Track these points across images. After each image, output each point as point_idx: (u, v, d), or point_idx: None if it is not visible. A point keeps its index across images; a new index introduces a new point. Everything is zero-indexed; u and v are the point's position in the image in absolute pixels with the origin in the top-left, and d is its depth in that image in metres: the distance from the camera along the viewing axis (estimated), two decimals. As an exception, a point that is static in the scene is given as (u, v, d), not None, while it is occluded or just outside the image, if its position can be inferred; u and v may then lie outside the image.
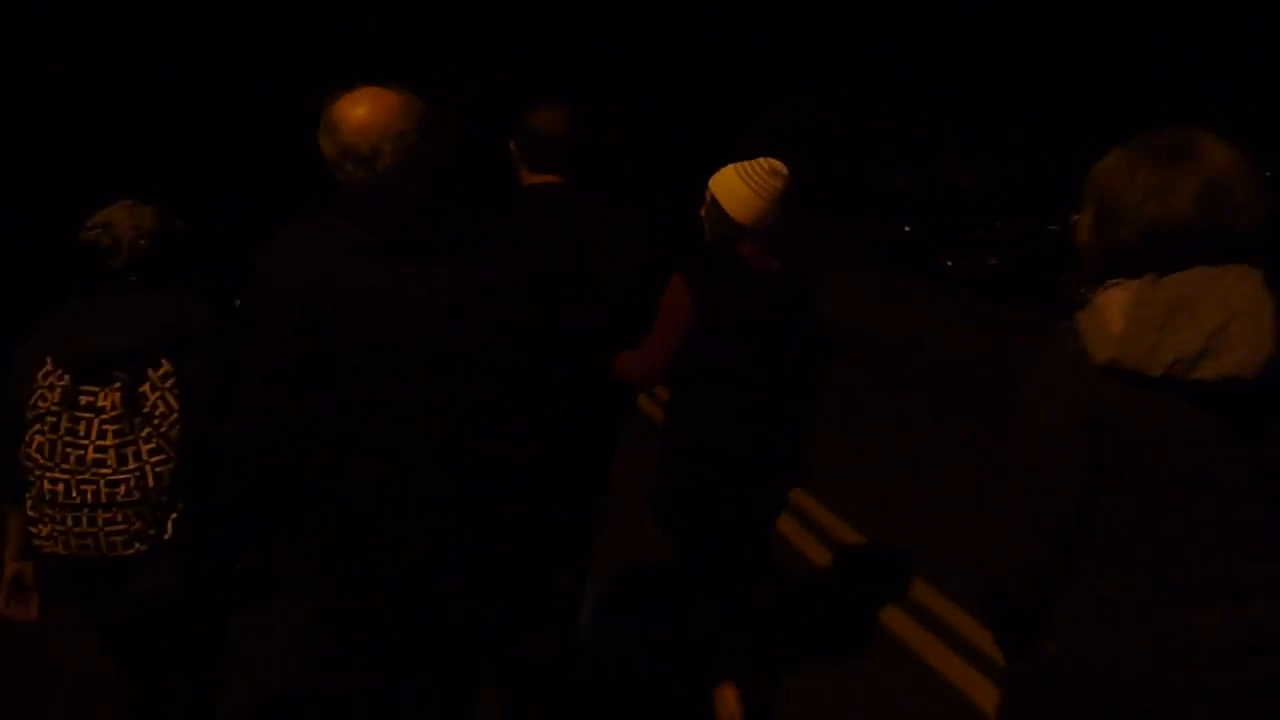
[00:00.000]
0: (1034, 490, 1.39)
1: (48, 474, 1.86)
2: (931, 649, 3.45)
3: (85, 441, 1.86)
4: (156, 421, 1.89)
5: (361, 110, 1.61)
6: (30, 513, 1.90)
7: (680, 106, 18.54)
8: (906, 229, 15.71)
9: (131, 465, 1.87)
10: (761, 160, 2.49)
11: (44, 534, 1.88)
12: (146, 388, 1.90)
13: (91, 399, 1.88)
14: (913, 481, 5.30)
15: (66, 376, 1.88)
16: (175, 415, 1.90)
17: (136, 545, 1.87)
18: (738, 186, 2.45)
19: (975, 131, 19.08)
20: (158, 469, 1.88)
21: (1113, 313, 1.34)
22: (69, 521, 1.86)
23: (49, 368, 1.90)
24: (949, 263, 14.50)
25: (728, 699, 2.69)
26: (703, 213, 2.56)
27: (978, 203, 15.56)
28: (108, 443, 1.86)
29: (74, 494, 1.85)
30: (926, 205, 17.25)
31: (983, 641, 3.30)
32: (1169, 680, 1.37)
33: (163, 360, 1.91)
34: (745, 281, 2.46)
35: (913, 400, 7.16)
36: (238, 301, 1.78)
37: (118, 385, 1.88)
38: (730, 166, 2.51)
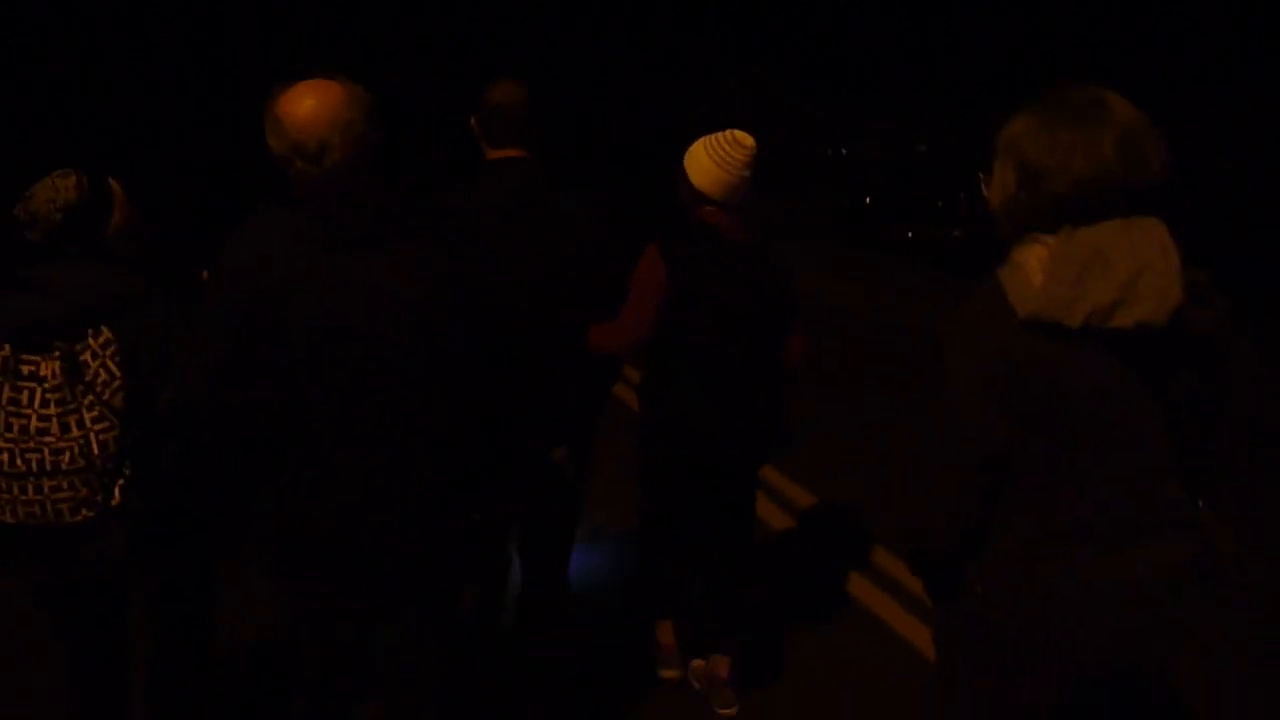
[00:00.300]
0: (956, 440, 1.44)
1: None
2: (888, 609, 3.56)
3: (28, 410, 1.89)
4: (99, 389, 1.93)
5: (307, 105, 1.62)
6: None
7: (643, 82, 18.55)
8: (867, 200, 15.10)
9: (75, 433, 1.90)
10: (727, 132, 2.54)
11: None
12: (88, 355, 1.93)
13: (33, 368, 1.90)
14: (869, 449, 5.39)
15: (6, 346, 1.91)
16: (118, 382, 1.94)
17: (84, 512, 1.91)
18: (701, 158, 2.52)
19: (928, 99, 18.86)
20: (101, 436, 1.92)
21: (1033, 269, 1.39)
22: (15, 490, 1.89)
23: None
24: (910, 234, 14.03)
25: (665, 632, 2.95)
26: (679, 186, 2.62)
27: (938, 172, 14.69)
28: (50, 411, 1.89)
29: (19, 462, 1.88)
30: (885, 175, 16.49)
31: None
32: (1086, 615, 1.44)
33: (103, 328, 1.95)
34: (716, 251, 2.51)
35: (872, 373, 7.29)
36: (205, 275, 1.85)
37: (57, 354, 1.91)
38: (699, 140, 2.58)
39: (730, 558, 2.85)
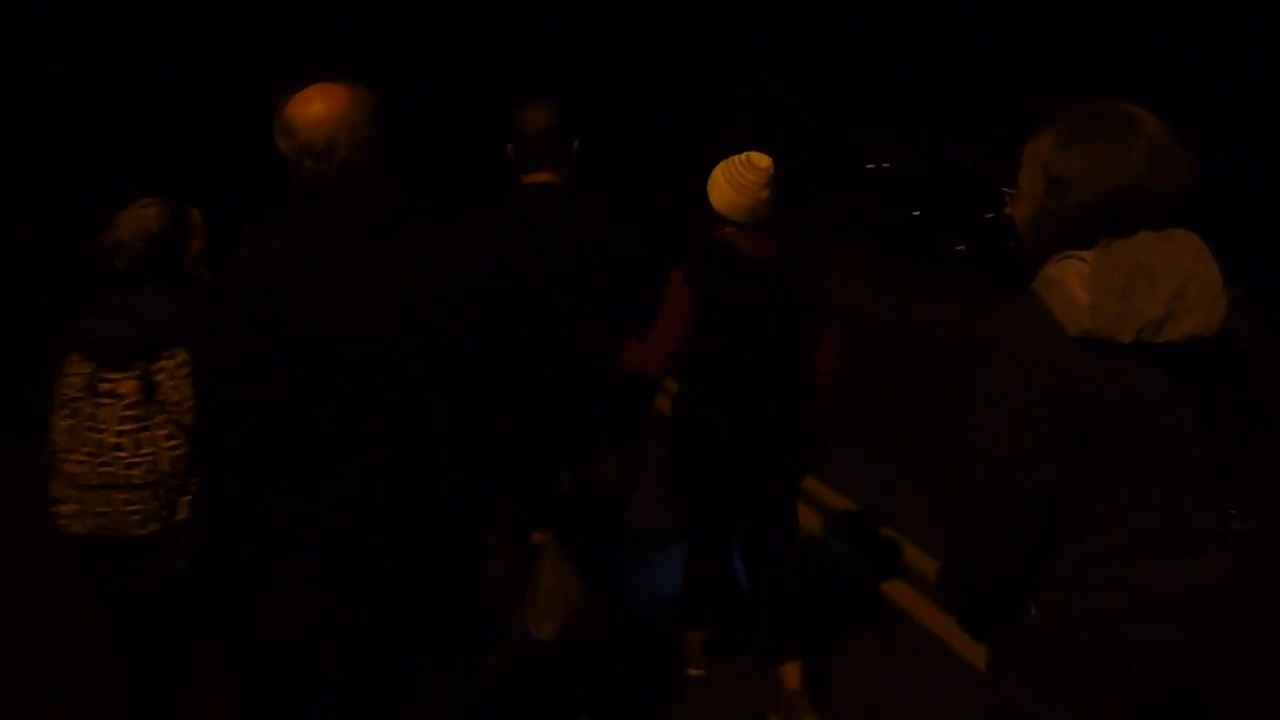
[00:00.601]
0: (1009, 463, 1.42)
1: (71, 456, 1.96)
2: (923, 609, 3.60)
3: (104, 426, 1.97)
4: (171, 408, 2.01)
5: (315, 108, 1.68)
6: (54, 494, 2.00)
7: (645, 82, 18.39)
8: (915, 212, 14.44)
9: (146, 450, 1.98)
10: (743, 155, 2.60)
11: (66, 513, 1.98)
12: (163, 376, 2.01)
13: (111, 386, 1.99)
14: (910, 457, 5.39)
15: (89, 365, 2.00)
16: (189, 401, 2.02)
17: (151, 525, 1.99)
18: (720, 182, 2.59)
19: (967, 109, 18.50)
20: (172, 453, 2.00)
21: (1074, 284, 1.39)
22: (89, 501, 1.96)
23: (75, 357, 2.02)
24: (961, 247, 13.42)
25: (691, 640, 3.08)
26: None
27: (987, 183, 13.99)
28: (125, 427, 1.97)
29: (94, 476, 1.95)
30: (932, 186, 15.73)
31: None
32: (1140, 630, 1.44)
33: (178, 349, 2.03)
34: (738, 271, 2.56)
35: (917, 387, 7.18)
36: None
37: (135, 373, 1.99)
38: (719, 164, 2.64)
39: (774, 566, 2.88)
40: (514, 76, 16.96)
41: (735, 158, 2.62)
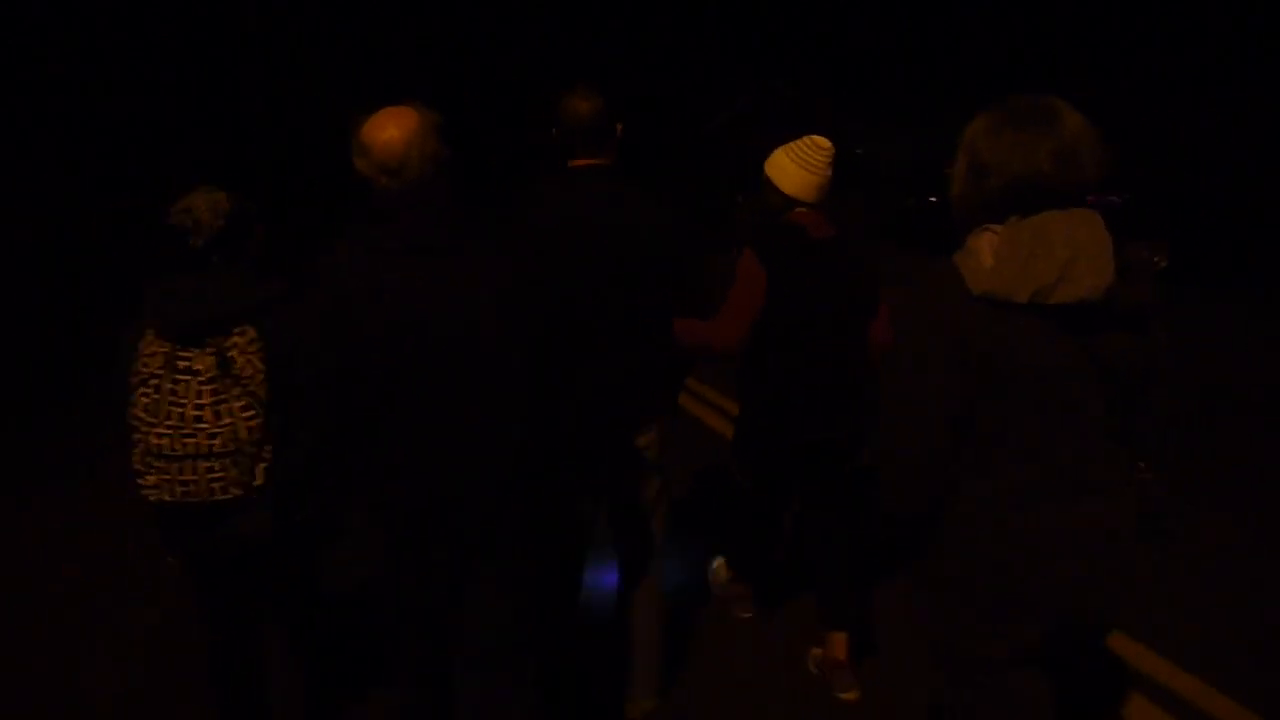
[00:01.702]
0: (913, 405, 1.60)
1: (154, 430, 2.03)
2: None
3: (185, 400, 2.04)
4: (245, 381, 2.10)
5: (389, 133, 1.82)
6: (137, 466, 2.07)
7: (662, 94, 18.41)
8: (931, 199, 13.75)
9: (226, 420, 2.06)
10: (804, 139, 2.72)
11: (151, 483, 2.05)
12: (235, 351, 2.08)
13: (188, 363, 2.06)
14: None
15: (166, 344, 2.08)
16: (261, 375, 2.10)
17: (233, 490, 2.07)
18: (787, 165, 2.70)
19: (963, 102, 18.46)
20: (249, 423, 2.08)
21: (984, 252, 1.56)
22: (174, 471, 2.04)
23: (150, 337, 2.10)
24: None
25: (740, 591, 3.12)
26: (762, 194, 2.79)
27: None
28: (205, 401, 2.04)
29: (177, 446, 2.03)
30: (939, 175, 15.84)
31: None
32: (1035, 568, 1.60)
33: (247, 326, 2.12)
34: (807, 249, 2.68)
35: None
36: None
37: (211, 350, 2.08)
38: (780, 148, 2.75)
39: (837, 535, 2.98)
40: (514, 77, 17.06)
41: (796, 142, 2.73)
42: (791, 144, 2.73)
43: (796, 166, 2.69)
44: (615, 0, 19.82)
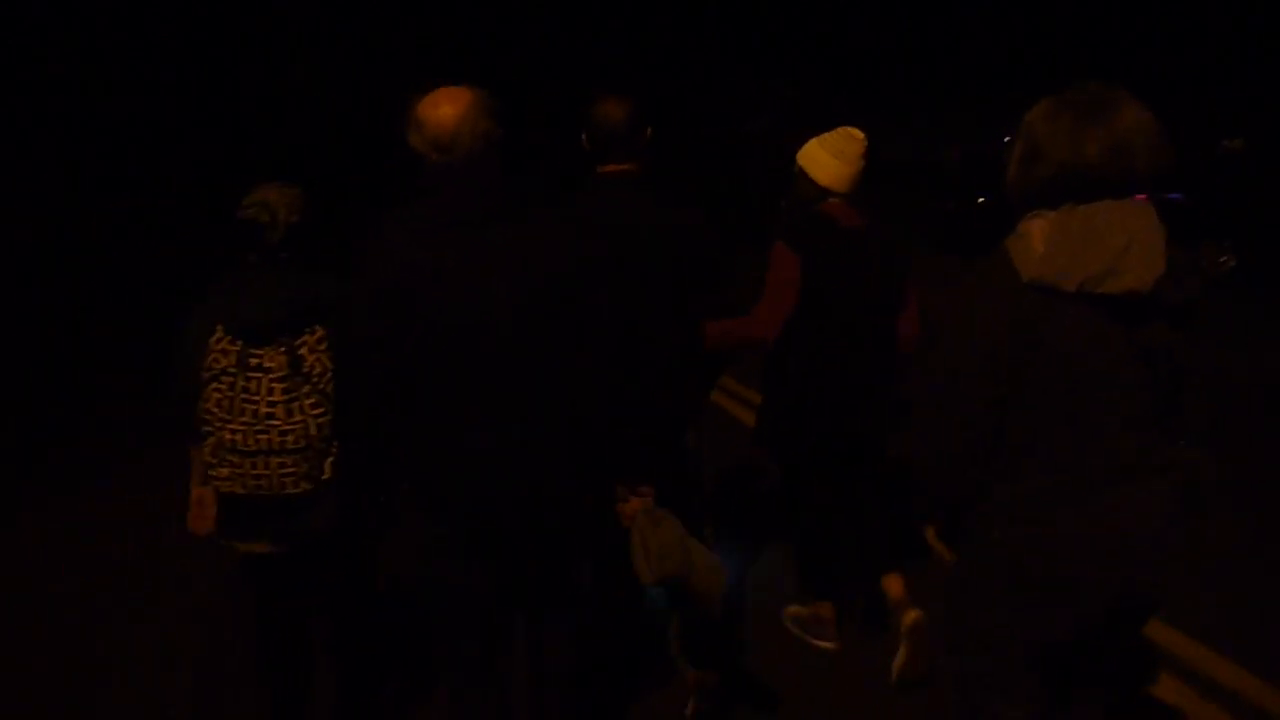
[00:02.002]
0: (962, 384, 1.62)
1: (228, 425, 2.09)
2: None
3: (258, 397, 2.09)
4: (315, 379, 2.15)
5: (443, 110, 1.87)
6: (210, 459, 2.12)
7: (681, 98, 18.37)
8: (980, 200, 13.10)
9: (298, 417, 2.11)
10: (838, 130, 2.78)
11: (224, 476, 2.11)
12: (304, 350, 2.14)
13: (259, 360, 2.11)
14: None
15: (239, 342, 2.12)
16: (329, 373, 2.16)
17: (303, 484, 2.13)
18: (822, 157, 2.76)
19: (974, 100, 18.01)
20: (319, 420, 2.13)
21: (1036, 239, 1.58)
22: (247, 466, 2.10)
23: (220, 334, 2.14)
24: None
25: (893, 584, 2.94)
26: (794, 186, 2.84)
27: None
28: (277, 398, 2.10)
29: (250, 442, 2.09)
30: (969, 176, 15.26)
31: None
32: (1087, 553, 1.63)
33: (317, 326, 2.17)
34: (840, 240, 2.73)
35: None
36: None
37: (283, 349, 2.13)
38: (813, 140, 2.81)
39: (870, 499, 3.04)
40: (515, 77, 17.05)
41: (829, 134, 2.79)
42: (825, 135, 2.79)
43: (830, 156, 2.75)
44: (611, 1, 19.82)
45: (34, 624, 3.44)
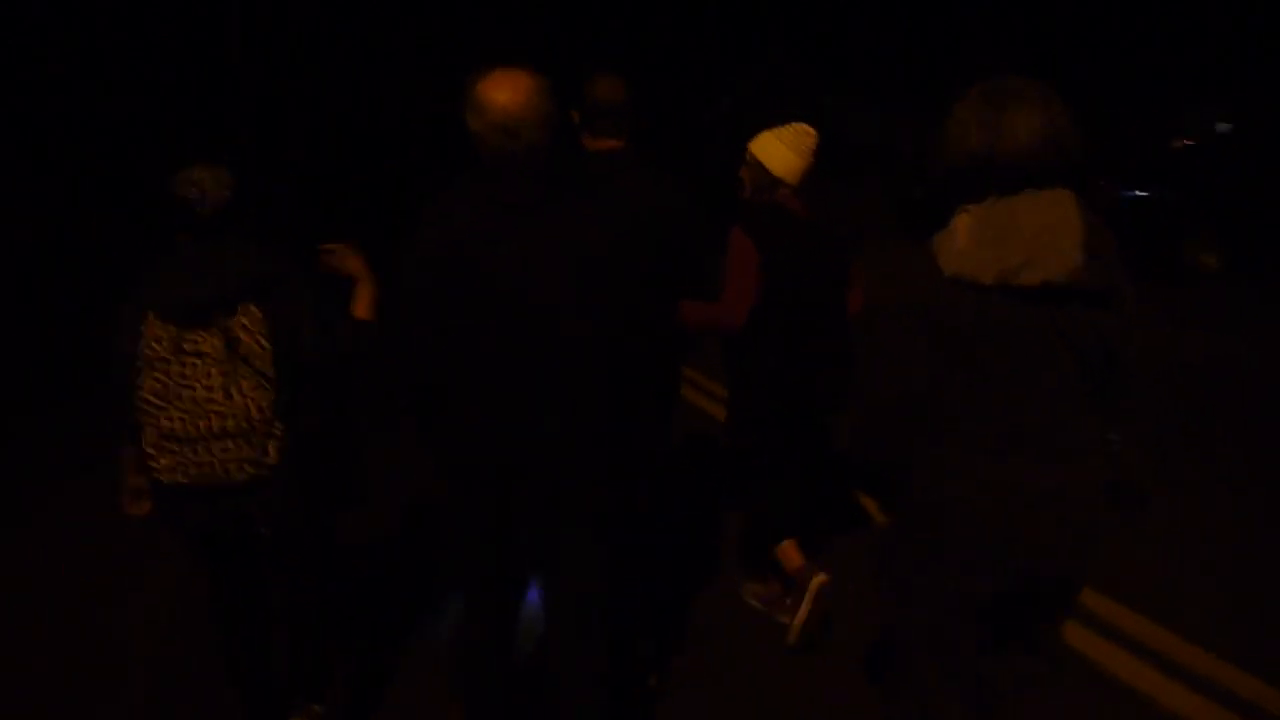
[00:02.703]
0: (888, 372, 1.69)
1: (163, 413, 2.06)
2: None
3: (195, 382, 2.07)
4: (253, 360, 2.11)
5: (505, 94, 1.88)
6: (149, 449, 2.09)
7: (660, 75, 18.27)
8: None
9: (236, 399, 2.08)
10: (791, 125, 2.88)
11: (164, 465, 2.08)
12: (240, 331, 2.11)
13: (195, 344, 2.08)
14: None
15: (171, 326, 2.10)
16: (268, 353, 2.12)
17: (247, 469, 2.11)
18: (778, 147, 2.84)
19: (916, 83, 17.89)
20: (259, 401, 2.10)
21: (960, 233, 1.62)
22: (188, 453, 2.07)
23: (151, 320, 2.11)
24: None
25: (789, 552, 3.04)
26: (743, 173, 2.93)
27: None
28: (215, 382, 2.07)
29: (190, 428, 2.06)
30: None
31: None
32: (1004, 521, 1.68)
33: (251, 305, 2.13)
34: (794, 228, 2.84)
35: None
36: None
37: (217, 331, 2.09)
38: (767, 131, 2.90)
39: (805, 480, 3.15)
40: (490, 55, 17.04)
41: (783, 128, 2.88)
42: (780, 129, 2.87)
43: (786, 149, 2.83)
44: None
45: (34, 624, 3.44)
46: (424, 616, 3.33)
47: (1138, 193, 9.04)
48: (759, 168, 2.87)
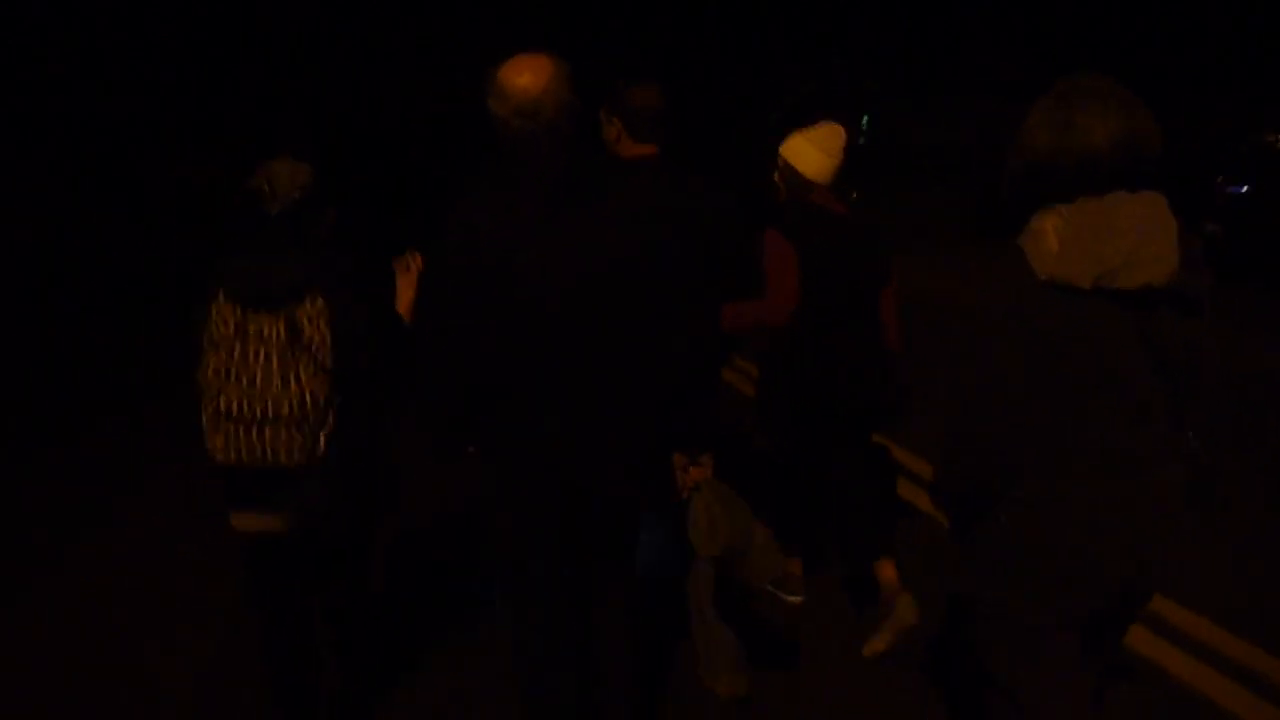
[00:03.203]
0: (981, 397, 1.63)
1: (224, 392, 2.07)
2: None
3: (255, 365, 2.08)
4: (313, 349, 2.13)
5: (526, 78, 1.89)
6: (206, 425, 2.10)
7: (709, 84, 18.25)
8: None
9: (294, 387, 2.08)
10: (820, 125, 2.89)
11: (219, 444, 2.09)
12: (304, 319, 2.12)
13: (259, 328, 2.10)
14: None
15: (238, 309, 2.11)
16: (328, 344, 2.13)
17: (298, 456, 2.10)
18: (808, 149, 2.87)
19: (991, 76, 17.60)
20: (314, 390, 2.11)
21: (1050, 236, 1.56)
22: (241, 433, 2.07)
23: (221, 300, 2.13)
24: None
25: (887, 570, 2.99)
26: (776, 177, 2.95)
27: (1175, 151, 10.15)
28: (274, 366, 2.08)
29: (246, 410, 2.06)
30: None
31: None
32: (1095, 538, 1.63)
33: (318, 296, 2.14)
34: (830, 227, 2.85)
35: None
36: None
37: (281, 316, 2.11)
38: (797, 134, 2.92)
39: (864, 481, 3.11)
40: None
41: (812, 129, 2.90)
42: (809, 130, 2.90)
43: (815, 150, 2.86)
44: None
45: (34, 624, 3.39)
46: (453, 620, 3.29)
47: (1244, 189, 8.85)
48: (790, 170, 2.90)
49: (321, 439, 2.15)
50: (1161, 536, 1.67)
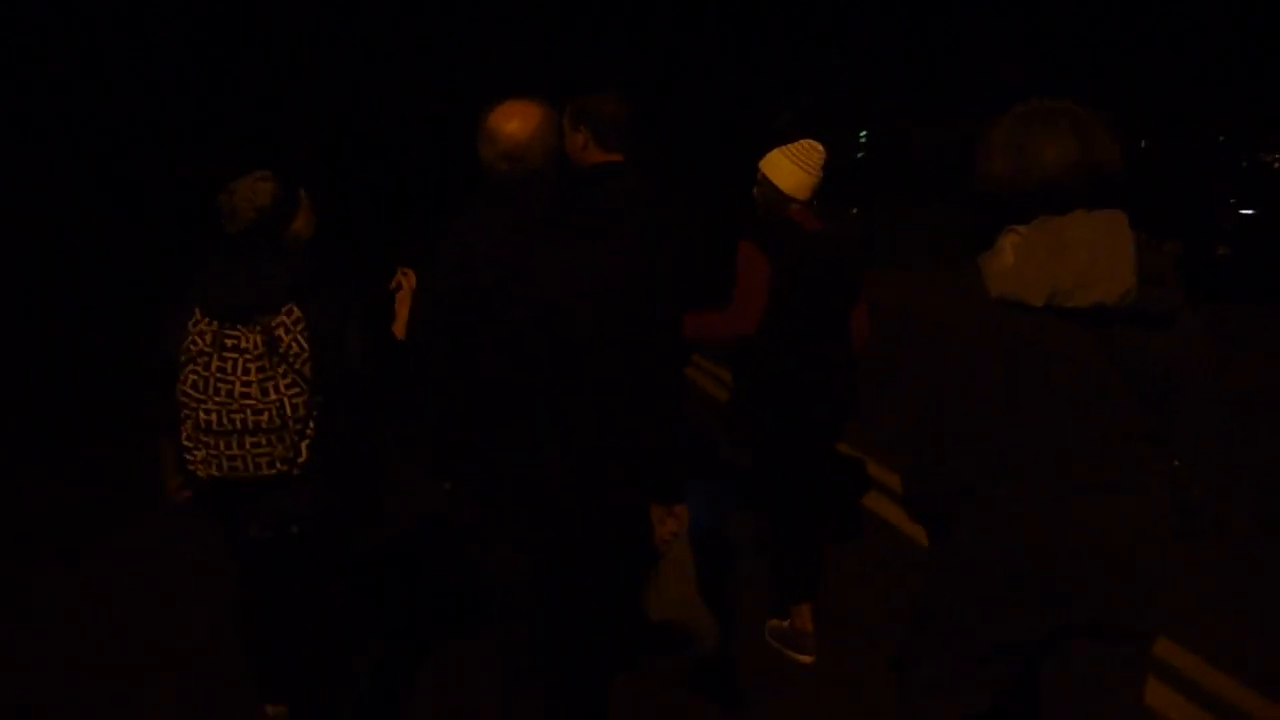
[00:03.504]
0: (934, 406, 1.63)
1: (202, 406, 2.09)
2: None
3: (233, 377, 2.10)
4: (291, 359, 2.14)
5: (514, 124, 1.96)
6: (185, 442, 2.13)
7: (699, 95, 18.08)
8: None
9: (272, 396, 2.10)
10: (801, 142, 2.91)
11: (199, 459, 2.11)
12: (280, 330, 2.14)
13: (236, 341, 2.11)
14: None
15: (214, 322, 2.14)
16: (306, 354, 2.15)
17: (278, 466, 2.12)
18: (786, 165, 2.88)
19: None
20: (294, 400, 2.13)
21: (1007, 253, 1.57)
22: (221, 446, 2.10)
23: (197, 316, 2.15)
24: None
25: (804, 614, 3.07)
26: (755, 191, 2.97)
27: (1185, 173, 10.73)
28: (252, 378, 2.10)
29: (225, 422, 2.09)
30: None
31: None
32: (1058, 560, 1.62)
33: (293, 306, 2.16)
34: (804, 242, 2.87)
35: None
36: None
37: (258, 328, 2.13)
38: (776, 150, 2.95)
39: (816, 511, 3.14)
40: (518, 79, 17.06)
41: (792, 145, 2.93)
42: (789, 146, 2.92)
43: (794, 166, 2.87)
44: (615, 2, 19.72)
45: (34, 624, 3.41)
46: (427, 633, 3.31)
47: (1250, 211, 8.87)
48: (769, 185, 2.91)
49: (303, 448, 2.20)
50: (1123, 567, 1.62)
